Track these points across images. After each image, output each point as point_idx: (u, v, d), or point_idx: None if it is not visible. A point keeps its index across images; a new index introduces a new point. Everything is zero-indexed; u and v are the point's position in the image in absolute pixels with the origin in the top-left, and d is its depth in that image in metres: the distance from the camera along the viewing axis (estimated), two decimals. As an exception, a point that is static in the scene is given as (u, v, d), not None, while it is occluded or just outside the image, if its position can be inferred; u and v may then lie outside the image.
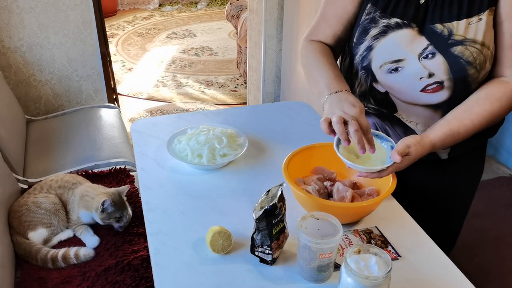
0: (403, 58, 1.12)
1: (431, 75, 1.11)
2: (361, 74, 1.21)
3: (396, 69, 1.13)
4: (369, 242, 1.08)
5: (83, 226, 1.66)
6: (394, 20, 1.12)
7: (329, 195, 1.18)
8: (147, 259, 1.53)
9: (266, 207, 0.97)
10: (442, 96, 1.13)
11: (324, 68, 1.19)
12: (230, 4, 4.25)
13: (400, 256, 1.04)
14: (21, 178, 1.97)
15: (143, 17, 5.94)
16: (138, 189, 1.88)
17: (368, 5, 1.17)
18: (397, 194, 1.18)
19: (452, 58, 1.08)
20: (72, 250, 1.54)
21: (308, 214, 0.98)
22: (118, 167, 2.03)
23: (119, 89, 3.93)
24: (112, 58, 4.42)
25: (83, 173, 1.97)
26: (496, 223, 2.10)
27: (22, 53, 2.60)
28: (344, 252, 1.03)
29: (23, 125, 2.38)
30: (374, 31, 1.15)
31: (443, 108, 1.14)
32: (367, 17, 1.17)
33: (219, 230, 1.05)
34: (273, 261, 1.02)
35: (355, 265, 0.86)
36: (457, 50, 1.07)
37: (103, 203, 1.57)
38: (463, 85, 1.10)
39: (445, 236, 1.28)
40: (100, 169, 2.02)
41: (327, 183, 1.19)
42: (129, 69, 4.50)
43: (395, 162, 1.02)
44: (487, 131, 1.18)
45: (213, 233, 1.04)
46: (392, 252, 1.05)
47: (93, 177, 1.94)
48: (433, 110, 1.15)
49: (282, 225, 1.01)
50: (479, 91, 1.10)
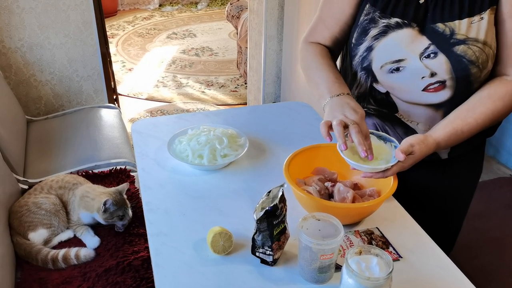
0: (404, 58, 1.12)
1: (433, 74, 1.10)
2: (361, 75, 1.21)
3: (397, 69, 1.13)
4: (370, 243, 1.07)
5: (84, 226, 1.66)
6: (394, 20, 1.12)
7: (330, 196, 1.18)
8: (147, 259, 1.53)
9: (267, 208, 0.96)
10: (444, 95, 1.12)
11: (324, 71, 1.20)
12: (231, 4, 4.25)
13: (401, 257, 1.04)
14: (22, 178, 1.97)
15: (143, 17, 5.94)
16: (138, 189, 1.88)
17: (367, 6, 1.16)
18: (397, 194, 1.18)
19: (454, 57, 1.08)
20: (73, 251, 1.54)
21: (309, 215, 0.98)
22: (118, 167, 2.03)
23: (119, 90, 3.93)
24: (113, 58, 4.42)
25: (84, 173, 1.97)
26: (497, 224, 2.10)
27: (22, 53, 2.60)
28: (345, 253, 1.03)
29: (24, 125, 2.38)
30: (374, 32, 1.15)
31: (445, 107, 1.14)
32: (366, 17, 1.16)
33: (220, 230, 1.05)
34: (274, 262, 1.02)
35: (356, 266, 0.86)
36: (459, 49, 1.07)
37: (105, 203, 1.57)
38: (465, 84, 1.10)
39: (445, 236, 1.28)
40: (100, 170, 2.02)
41: (328, 184, 1.19)
42: (129, 70, 4.50)
43: (400, 161, 1.02)
44: (486, 131, 1.18)
45: (214, 233, 1.04)
46: (393, 253, 1.05)
47: (93, 177, 1.94)
48: (435, 109, 1.15)
49: (283, 226, 1.01)
50: (481, 90, 1.10)
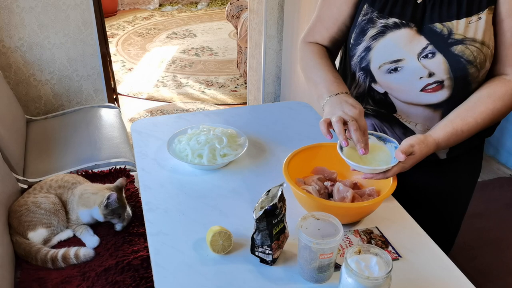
0: (402, 58, 1.12)
1: (431, 74, 1.10)
2: (359, 75, 1.21)
3: (395, 69, 1.13)
4: (369, 242, 1.07)
5: (83, 226, 1.66)
6: (392, 20, 1.12)
7: (329, 195, 1.18)
8: (147, 259, 1.53)
9: (267, 207, 0.96)
10: (442, 95, 1.13)
11: (323, 71, 1.21)
12: (231, 4, 4.25)
13: (401, 257, 1.04)
14: (21, 178, 1.97)
15: (143, 17, 5.94)
16: (138, 189, 1.88)
17: (365, 6, 1.17)
18: (397, 194, 1.18)
19: (452, 57, 1.08)
20: (72, 250, 1.54)
21: (309, 214, 0.98)
22: (118, 167, 2.03)
23: (119, 89, 3.93)
24: (112, 58, 4.42)
25: (83, 173, 1.97)
26: (497, 224, 2.10)
27: (22, 53, 2.60)
28: (344, 253, 1.03)
29: (23, 125, 2.38)
30: (372, 32, 1.15)
31: (443, 107, 1.14)
32: (364, 18, 1.16)
33: (219, 230, 1.05)
34: (273, 261, 1.02)
35: (356, 265, 0.86)
36: (457, 49, 1.07)
37: (108, 197, 1.56)
38: (463, 84, 1.10)
39: (444, 235, 1.28)
40: (100, 169, 2.02)
41: (328, 183, 1.19)
42: (129, 69, 4.50)
43: (400, 162, 1.02)
44: (484, 131, 1.18)
45: (213, 233, 1.04)
46: (393, 253, 1.05)
47: (93, 177, 1.94)
48: (433, 110, 1.15)
49: (282, 225, 1.01)
50: (480, 90, 1.10)
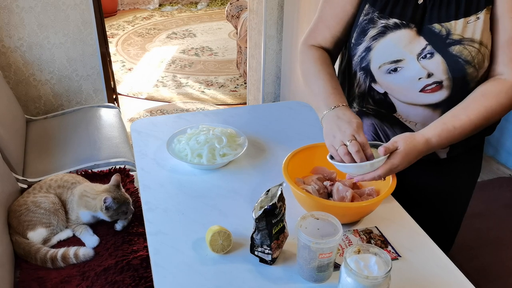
0: (402, 58, 1.12)
1: (430, 75, 1.11)
2: (360, 74, 1.21)
3: (395, 70, 1.14)
4: (369, 242, 1.08)
5: (83, 225, 1.65)
6: (392, 21, 1.12)
7: (329, 195, 1.18)
8: (146, 259, 1.53)
9: (266, 207, 0.96)
10: (441, 95, 1.13)
11: (322, 80, 1.20)
12: (230, 4, 4.25)
13: (400, 256, 1.04)
14: (21, 177, 1.97)
15: (143, 17, 5.94)
16: (137, 189, 1.88)
17: (366, 6, 1.17)
18: (396, 194, 1.18)
19: (450, 58, 1.08)
20: (72, 250, 1.54)
21: (308, 214, 0.98)
22: (117, 167, 2.03)
23: (119, 89, 3.93)
24: (112, 58, 4.42)
25: (83, 173, 1.97)
26: (496, 224, 2.10)
27: (22, 53, 2.60)
28: (344, 252, 1.03)
29: (23, 124, 2.38)
30: (372, 32, 1.15)
31: (442, 107, 1.14)
32: (365, 17, 1.17)
33: (219, 229, 1.05)
34: (272, 261, 1.02)
35: (355, 265, 0.86)
36: (455, 49, 1.07)
37: (105, 201, 1.56)
38: (462, 84, 1.10)
39: (443, 235, 1.28)
40: (99, 169, 2.02)
41: (327, 183, 1.19)
42: (129, 69, 4.50)
43: (389, 160, 1.02)
44: (484, 130, 1.18)
45: (213, 232, 1.04)
46: (392, 252, 1.05)
47: (92, 177, 1.94)
48: (432, 109, 1.15)
49: (281, 225, 1.01)
50: (475, 90, 1.10)
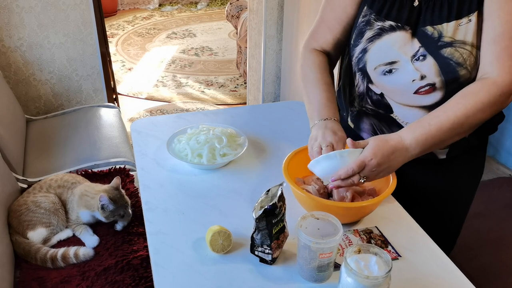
0: (396, 60, 1.13)
1: (423, 77, 1.11)
2: (358, 75, 1.23)
3: (390, 71, 1.15)
4: (369, 242, 1.08)
5: (83, 225, 1.65)
6: (388, 23, 1.13)
7: (329, 195, 1.18)
8: (146, 259, 1.53)
9: (266, 207, 0.96)
10: (435, 97, 1.13)
11: (319, 90, 1.23)
12: (230, 4, 4.25)
13: (400, 256, 1.04)
14: (21, 177, 1.97)
15: (143, 17, 5.94)
16: (138, 189, 1.88)
17: (365, 8, 1.18)
18: (397, 194, 1.18)
19: (442, 60, 1.08)
20: (72, 250, 1.54)
21: (308, 213, 0.98)
22: (117, 166, 2.03)
23: (119, 89, 3.93)
24: (112, 58, 4.42)
25: (83, 172, 1.97)
26: (496, 224, 2.10)
27: (22, 53, 2.60)
28: (344, 252, 1.03)
29: (23, 124, 2.38)
30: (369, 34, 1.16)
31: None
32: (363, 19, 1.18)
33: (219, 229, 1.05)
34: (273, 261, 1.02)
35: (355, 265, 0.86)
36: (446, 51, 1.07)
37: (100, 199, 1.56)
38: (456, 86, 1.10)
39: (445, 236, 1.28)
40: (99, 169, 2.02)
41: (327, 183, 1.19)
42: (129, 69, 4.50)
43: (360, 159, 1.02)
44: (485, 129, 1.18)
45: (213, 232, 1.04)
46: (392, 252, 1.05)
47: (92, 176, 1.94)
48: (427, 111, 1.15)
49: (282, 225, 1.01)
50: (459, 91, 1.08)
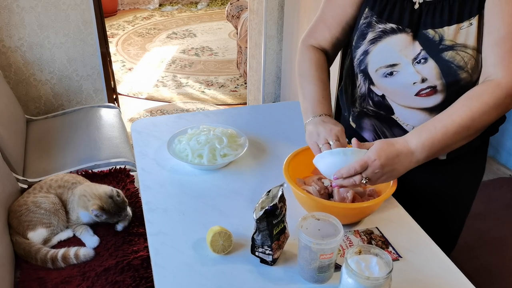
0: (397, 62, 1.13)
1: (424, 80, 1.11)
2: (360, 76, 1.23)
3: (391, 73, 1.15)
4: (369, 242, 1.07)
5: (83, 226, 1.65)
6: (389, 25, 1.14)
7: (329, 196, 1.18)
8: (147, 259, 1.53)
9: (267, 208, 0.96)
10: (436, 99, 1.13)
11: (314, 87, 1.24)
12: (231, 4, 4.25)
13: (401, 257, 1.04)
14: (21, 177, 1.96)
15: (143, 17, 5.94)
16: (138, 189, 1.88)
17: (366, 9, 1.18)
18: (397, 195, 1.18)
19: (443, 63, 1.08)
20: (72, 250, 1.54)
21: (309, 214, 0.98)
22: (118, 167, 2.03)
23: (119, 89, 3.93)
24: (112, 58, 4.42)
25: (83, 173, 1.97)
26: (497, 224, 2.10)
27: (22, 53, 2.60)
28: (344, 253, 1.03)
29: (23, 124, 2.38)
30: (370, 36, 1.17)
31: (438, 111, 1.13)
32: (364, 21, 1.18)
33: (220, 230, 1.04)
34: (273, 262, 1.02)
35: (356, 265, 0.86)
36: (448, 55, 1.08)
37: (92, 211, 1.58)
38: (457, 89, 1.10)
39: (445, 237, 1.28)
40: (100, 169, 2.02)
41: (327, 183, 1.19)
42: (129, 69, 4.50)
43: (364, 159, 1.02)
44: (486, 130, 1.18)
45: (214, 233, 1.04)
46: (393, 253, 1.05)
47: (93, 177, 1.94)
48: (429, 113, 1.15)
49: (282, 226, 1.01)
50: (463, 94, 1.08)
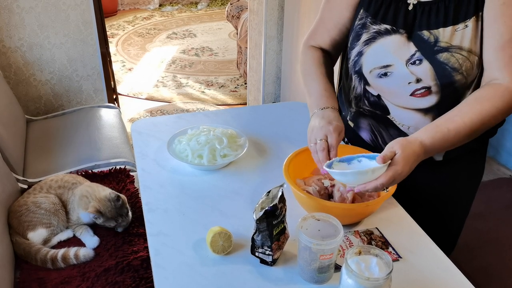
0: (391, 63, 1.14)
1: (418, 80, 1.11)
2: (355, 77, 1.24)
3: (385, 74, 1.15)
4: (369, 243, 1.07)
5: (83, 226, 1.65)
6: (384, 26, 1.14)
7: (329, 196, 1.18)
8: (147, 259, 1.53)
9: (267, 208, 0.96)
10: (431, 100, 1.13)
11: (317, 81, 1.24)
12: (231, 4, 4.25)
13: (401, 257, 1.04)
14: (21, 178, 1.96)
15: (143, 17, 5.94)
16: (138, 189, 1.88)
17: (361, 11, 1.18)
18: (397, 195, 1.18)
19: (438, 65, 1.08)
20: (72, 251, 1.54)
21: (309, 215, 0.98)
22: (118, 167, 2.02)
23: (119, 89, 3.93)
24: (112, 58, 4.42)
25: (83, 173, 1.97)
26: (496, 224, 2.10)
27: (22, 53, 2.60)
28: (344, 253, 1.03)
29: (23, 125, 2.38)
30: (365, 37, 1.17)
31: (433, 112, 1.14)
32: (359, 22, 1.18)
33: (220, 230, 1.04)
34: (273, 262, 1.02)
35: (356, 266, 0.86)
36: (442, 56, 1.08)
37: (89, 214, 1.58)
38: (451, 90, 1.11)
39: (445, 237, 1.28)
40: (100, 169, 2.02)
41: (327, 183, 1.19)
42: (129, 69, 4.50)
43: (392, 166, 0.98)
44: (485, 132, 1.18)
45: (214, 233, 1.04)
46: (393, 253, 1.05)
47: (93, 177, 1.94)
48: (423, 114, 1.16)
49: (282, 226, 1.01)
50: (470, 95, 1.09)
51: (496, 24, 1.04)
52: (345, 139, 1.36)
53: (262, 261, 1.02)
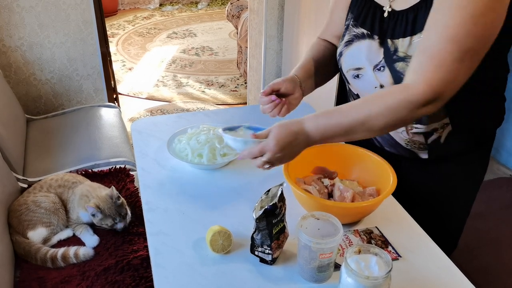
0: (362, 66, 1.17)
1: (382, 86, 1.14)
2: (342, 75, 1.28)
3: (357, 76, 1.19)
4: (369, 242, 1.08)
5: (83, 225, 1.65)
6: (361, 30, 1.17)
7: (329, 195, 1.18)
8: (146, 259, 1.53)
9: (266, 207, 0.96)
10: None
11: (301, 60, 1.32)
12: (231, 4, 4.25)
13: (401, 257, 1.04)
14: (21, 177, 1.97)
15: (143, 17, 5.94)
16: (138, 188, 1.88)
17: (349, 13, 1.22)
18: (397, 194, 1.18)
19: (395, 73, 1.10)
20: (72, 250, 1.54)
21: (309, 214, 0.98)
22: (118, 166, 2.03)
23: (119, 89, 3.93)
24: (113, 58, 4.42)
25: (83, 172, 1.97)
26: (496, 224, 2.10)
27: (22, 52, 2.60)
28: (344, 252, 1.03)
29: (23, 124, 2.38)
30: (346, 38, 1.21)
31: None
32: (346, 23, 1.23)
33: (219, 229, 1.05)
34: (273, 261, 1.02)
35: (356, 265, 0.86)
36: (399, 66, 1.09)
37: (87, 208, 1.58)
38: None
39: (445, 237, 1.28)
40: (100, 169, 2.02)
41: (327, 182, 1.19)
42: (130, 69, 4.50)
43: (263, 142, 1.04)
44: (477, 135, 1.18)
45: (213, 232, 1.04)
46: (393, 252, 1.05)
47: (93, 176, 1.94)
48: None
49: (282, 225, 1.01)
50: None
51: (427, 30, 1.02)
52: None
53: (262, 260, 1.03)
